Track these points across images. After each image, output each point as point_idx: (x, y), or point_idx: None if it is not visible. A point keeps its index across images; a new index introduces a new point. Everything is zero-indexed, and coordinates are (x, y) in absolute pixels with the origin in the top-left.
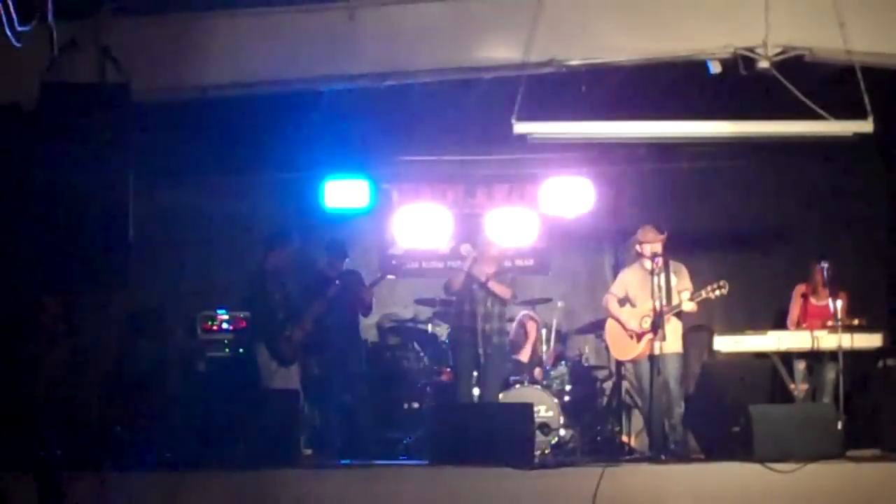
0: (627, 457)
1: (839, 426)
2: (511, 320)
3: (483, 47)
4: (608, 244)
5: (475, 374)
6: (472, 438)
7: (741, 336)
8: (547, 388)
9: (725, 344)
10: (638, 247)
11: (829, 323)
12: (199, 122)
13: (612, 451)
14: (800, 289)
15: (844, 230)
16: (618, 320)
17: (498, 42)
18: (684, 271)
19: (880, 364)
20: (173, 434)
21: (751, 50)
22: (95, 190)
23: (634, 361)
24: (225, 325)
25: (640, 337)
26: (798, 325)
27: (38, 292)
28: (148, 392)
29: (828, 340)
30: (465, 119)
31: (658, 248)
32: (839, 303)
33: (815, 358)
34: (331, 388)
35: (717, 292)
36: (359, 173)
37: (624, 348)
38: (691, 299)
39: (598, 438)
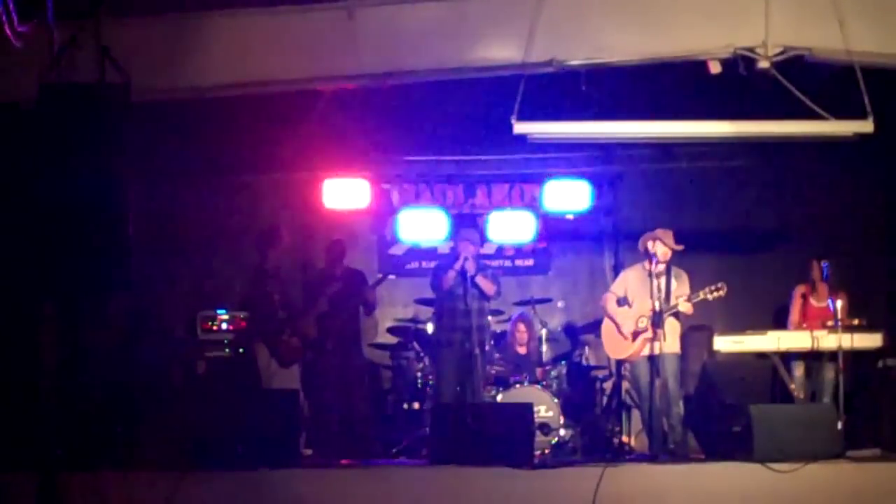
0: (627, 457)
1: (839, 426)
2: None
3: (483, 47)
4: (608, 244)
5: (459, 372)
6: (472, 438)
7: (741, 336)
8: (547, 387)
9: (725, 344)
10: (650, 243)
11: (829, 323)
12: (199, 122)
13: (612, 451)
14: (799, 289)
15: (844, 230)
16: (613, 320)
17: (498, 42)
18: (685, 278)
19: (880, 364)
20: (173, 434)
21: (751, 50)
22: (95, 190)
23: (631, 361)
24: (225, 325)
25: (634, 337)
26: (798, 326)
27: (39, 293)
28: (148, 392)
29: (828, 340)
30: (465, 119)
31: (668, 254)
32: (839, 303)
33: (814, 358)
34: (331, 388)
35: (715, 294)
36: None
37: (618, 347)
38: (688, 300)
39: (598, 438)
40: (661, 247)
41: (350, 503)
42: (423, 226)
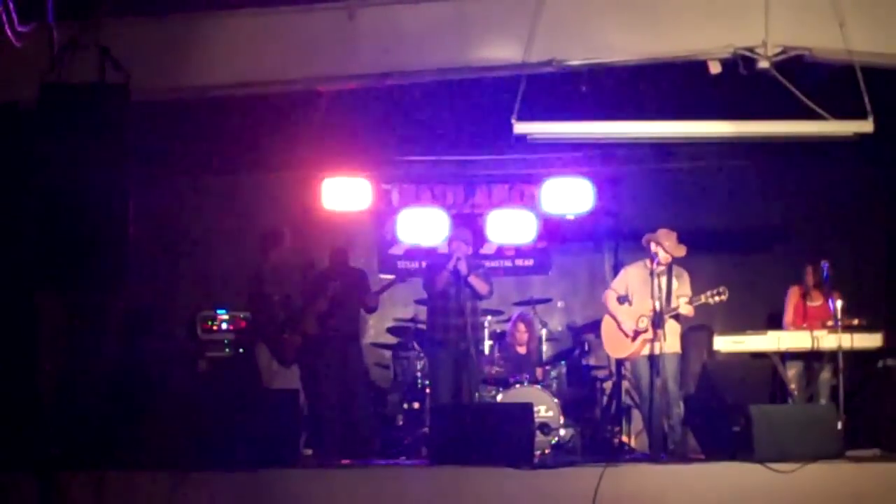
0: (627, 457)
1: (839, 426)
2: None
3: (483, 47)
4: (608, 244)
5: (454, 372)
6: (472, 438)
7: (741, 336)
8: (547, 387)
9: (725, 344)
10: (652, 245)
11: (829, 323)
12: (199, 122)
13: (612, 451)
14: (794, 290)
15: (844, 230)
16: (614, 318)
17: (498, 42)
18: (686, 277)
19: (880, 364)
20: (173, 434)
21: (751, 50)
22: (95, 190)
23: (630, 360)
24: (225, 325)
25: (634, 336)
26: (796, 328)
27: (38, 292)
28: (148, 392)
29: (828, 340)
30: (465, 119)
31: (669, 258)
32: (839, 303)
33: (813, 358)
34: (331, 388)
35: (717, 298)
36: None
37: (618, 346)
38: (690, 303)
39: (598, 438)
40: (662, 252)
41: (350, 503)
42: (423, 226)
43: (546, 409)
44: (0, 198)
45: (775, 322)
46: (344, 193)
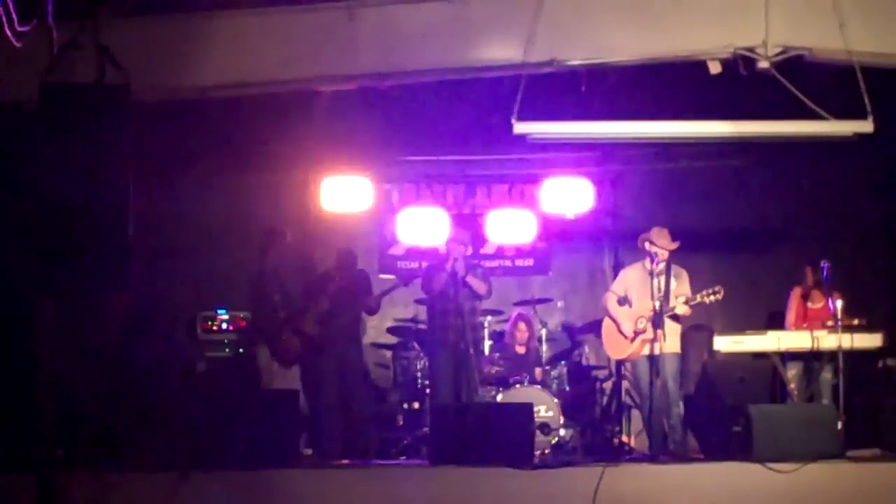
0: (627, 457)
1: (839, 426)
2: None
3: (483, 47)
4: (608, 244)
5: (454, 372)
6: (472, 438)
7: (741, 336)
8: (547, 387)
9: (725, 344)
10: (647, 245)
11: (829, 323)
12: (199, 122)
13: (612, 451)
14: (796, 292)
15: (844, 230)
16: (614, 319)
17: (498, 42)
18: (685, 277)
19: (880, 364)
20: (173, 434)
21: (751, 50)
22: (95, 190)
23: (630, 361)
24: (225, 325)
25: (633, 337)
26: (798, 328)
27: (38, 292)
28: (148, 392)
29: (828, 340)
30: (465, 119)
31: (665, 255)
32: (839, 303)
33: (813, 358)
34: (331, 388)
35: (713, 297)
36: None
37: (618, 347)
38: (686, 303)
39: (598, 438)
40: (658, 249)
41: (350, 503)
42: (423, 226)
43: (546, 409)
44: (0, 198)
45: (775, 322)
46: (344, 193)
